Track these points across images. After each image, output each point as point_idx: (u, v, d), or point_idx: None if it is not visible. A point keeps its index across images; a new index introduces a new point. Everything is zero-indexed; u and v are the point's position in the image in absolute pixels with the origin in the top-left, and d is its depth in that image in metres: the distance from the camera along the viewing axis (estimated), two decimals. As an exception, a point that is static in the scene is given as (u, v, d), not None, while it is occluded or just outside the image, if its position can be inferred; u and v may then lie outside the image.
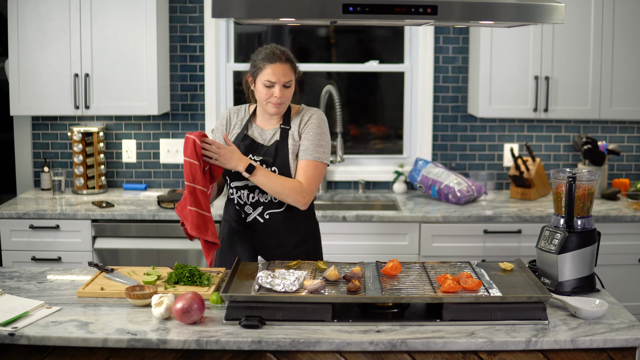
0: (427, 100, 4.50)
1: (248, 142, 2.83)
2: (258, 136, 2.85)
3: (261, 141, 2.83)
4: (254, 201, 2.82)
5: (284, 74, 2.74)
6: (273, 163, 2.78)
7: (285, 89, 2.77)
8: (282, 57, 2.75)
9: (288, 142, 2.80)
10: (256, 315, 2.23)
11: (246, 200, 2.83)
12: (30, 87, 4.13)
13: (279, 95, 2.75)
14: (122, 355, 2.17)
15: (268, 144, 2.82)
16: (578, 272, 2.54)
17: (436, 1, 2.32)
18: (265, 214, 2.82)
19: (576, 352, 2.18)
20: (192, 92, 4.50)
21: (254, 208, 2.82)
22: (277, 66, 2.74)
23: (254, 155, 2.81)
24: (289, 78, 2.76)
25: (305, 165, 2.77)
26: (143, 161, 4.55)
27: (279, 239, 2.84)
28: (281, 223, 2.83)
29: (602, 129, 4.55)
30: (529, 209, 4.06)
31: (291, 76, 2.77)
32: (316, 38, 4.74)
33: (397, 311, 2.32)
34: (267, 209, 2.82)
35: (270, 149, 2.80)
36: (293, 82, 2.79)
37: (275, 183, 2.71)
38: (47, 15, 4.06)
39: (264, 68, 2.75)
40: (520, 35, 4.14)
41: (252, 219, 2.83)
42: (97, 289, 2.51)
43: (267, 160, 2.79)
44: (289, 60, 2.77)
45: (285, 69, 2.74)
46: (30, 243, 3.93)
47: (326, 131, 2.85)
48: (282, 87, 2.75)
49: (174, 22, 4.43)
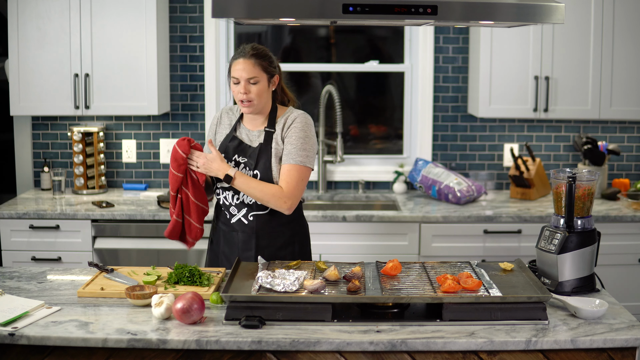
0: (427, 100, 4.50)
1: (235, 143, 2.83)
2: (245, 137, 2.84)
3: (248, 142, 2.83)
4: (238, 202, 2.81)
5: (245, 70, 2.69)
6: (255, 167, 2.77)
7: (252, 86, 2.71)
8: (247, 53, 2.70)
9: (271, 146, 2.78)
10: (256, 315, 2.23)
11: (231, 202, 2.82)
12: (30, 87, 4.13)
13: (242, 91, 2.70)
14: (122, 355, 2.17)
15: (254, 145, 2.81)
16: (578, 272, 2.54)
17: (436, 1, 2.32)
18: (249, 215, 2.81)
19: (576, 352, 2.18)
20: (192, 92, 4.50)
21: (239, 209, 2.81)
22: (239, 62, 2.71)
23: (240, 157, 2.80)
24: (253, 74, 2.70)
25: (288, 170, 2.73)
26: (143, 161, 4.55)
27: (263, 240, 2.82)
28: (265, 225, 2.81)
29: (602, 129, 4.55)
30: (529, 209, 4.06)
31: (256, 72, 2.70)
32: (316, 38, 4.74)
33: (397, 311, 2.32)
34: (251, 210, 2.80)
35: (254, 152, 2.79)
36: (261, 79, 2.72)
37: (255, 189, 2.71)
38: (47, 15, 4.06)
39: (232, 65, 2.75)
40: (520, 35, 4.14)
41: (236, 220, 2.83)
42: (97, 289, 2.51)
43: (250, 163, 2.78)
44: (255, 55, 2.71)
45: (247, 65, 2.69)
46: (30, 243, 3.93)
47: (311, 134, 2.79)
48: (246, 84, 2.70)
49: (174, 22, 4.43)
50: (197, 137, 4.52)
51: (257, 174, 2.76)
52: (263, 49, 2.76)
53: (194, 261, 3.91)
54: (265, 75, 2.74)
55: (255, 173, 2.76)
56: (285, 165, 2.74)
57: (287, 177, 2.73)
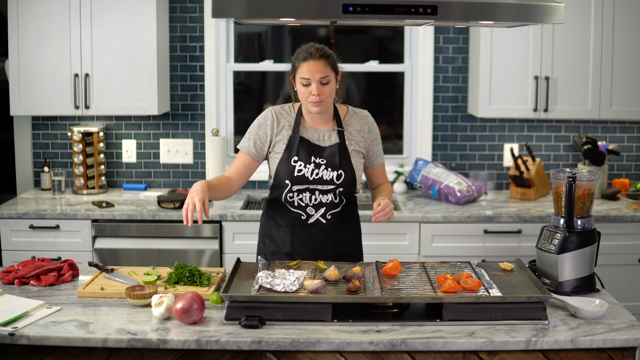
0: (427, 100, 4.50)
1: (306, 145, 2.79)
2: (313, 137, 2.82)
3: (318, 142, 2.81)
4: (316, 203, 2.81)
5: (318, 70, 2.70)
6: (339, 166, 2.79)
7: (323, 86, 2.72)
8: (316, 54, 2.72)
9: (347, 145, 2.82)
10: (256, 315, 2.23)
11: (308, 202, 2.81)
12: (30, 87, 4.13)
13: (316, 92, 2.71)
14: (122, 355, 2.17)
15: (325, 145, 2.81)
16: (578, 272, 2.54)
17: (436, 1, 2.32)
18: (327, 214, 2.82)
19: (576, 352, 2.18)
20: (192, 92, 4.50)
21: (316, 209, 2.81)
22: (310, 64, 2.71)
23: (317, 158, 2.78)
24: (325, 74, 2.71)
25: (384, 167, 3.01)
26: (143, 161, 4.55)
27: (339, 237, 2.86)
28: (339, 223, 2.85)
29: (602, 129, 4.55)
30: (529, 209, 4.06)
31: (327, 72, 2.72)
32: (316, 38, 4.74)
33: (397, 311, 2.32)
34: (330, 209, 2.82)
35: (331, 152, 2.80)
36: (331, 79, 2.74)
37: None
38: (47, 15, 4.06)
39: (299, 67, 2.73)
40: (520, 35, 4.14)
41: (314, 220, 2.82)
42: (97, 289, 2.51)
43: (332, 164, 2.78)
44: (323, 56, 2.73)
45: (318, 65, 2.70)
46: (30, 243, 3.93)
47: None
48: (318, 84, 2.71)
49: (174, 22, 4.43)
50: (196, 137, 4.52)
51: (341, 173, 2.79)
52: (326, 48, 2.78)
53: (194, 261, 3.91)
54: (333, 73, 2.76)
55: (340, 173, 2.79)
56: (382, 164, 2.99)
57: (385, 174, 3.01)
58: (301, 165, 2.77)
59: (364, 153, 2.89)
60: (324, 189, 2.79)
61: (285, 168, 2.78)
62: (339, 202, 2.84)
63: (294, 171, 2.76)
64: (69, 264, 2.73)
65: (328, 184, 2.78)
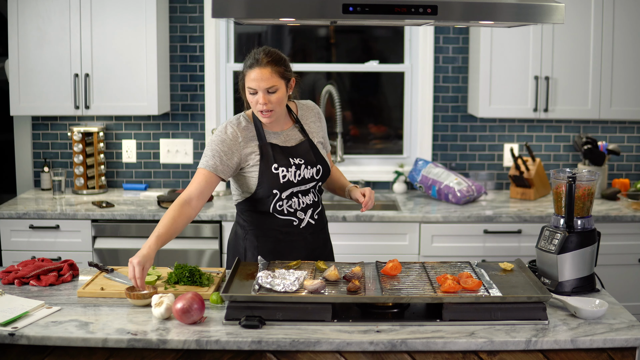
0: (427, 100, 4.50)
1: (278, 149, 2.69)
2: (280, 140, 2.74)
3: (286, 144, 2.74)
4: (304, 205, 2.76)
5: (263, 79, 2.56)
6: (316, 162, 2.76)
7: (270, 95, 2.59)
8: (263, 60, 2.56)
9: (312, 139, 2.80)
10: (256, 315, 2.22)
11: (296, 207, 2.74)
12: (30, 87, 4.13)
13: (262, 102, 2.58)
14: (122, 355, 2.17)
15: (293, 144, 2.75)
16: (578, 272, 2.54)
17: (436, 1, 2.32)
18: (315, 214, 2.81)
19: (576, 352, 2.18)
20: (192, 92, 4.50)
21: (305, 212, 2.77)
22: (256, 72, 2.56)
23: (295, 159, 2.71)
24: (271, 83, 2.57)
25: (329, 156, 2.94)
26: (143, 161, 4.55)
27: (324, 235, 2.87)
28: (322, 220, 2.86)
29: (602, 129, 4.55)
30: (529, 209, 4.06)
31: (274, 81, 2.57)
32: (316, 38, 4.74)
33: (397, 311, 2.32)
34: (315, 209, 2.81)
35: (304, 150, 2.75)
36: (280, 87, 2.59)
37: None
38: (47, 15, 4.06)
39: (247, 74, 2.60)
40: (520, 35, 4.14)
41: (305, 224, 2.77)
42: (97, 289, 2.51)
43: (310, 160, 2.74)
44: (271, 62, 2.57)
45: (264, 74, 2.55)
46: (30, 243, 3.93)
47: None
48: (265, 93, 2.58)
49: (174, 22, 4.43)
50: (196, 137, 4.52)
51: (319, 168, 2.77)
52: (277, 53, 2.63)
53: (194, 261, 3.91)
54: (283, 81, 2.61)
55: (318, 168, 2.76)
56: (330, 150, 2.94)
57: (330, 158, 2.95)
58: (283, 170, 2.67)
59: (323, 142, 2.87)
60: (304, 190, 2.74)
61: (269, 177, 2.66)
62: (318, 199, 2.83)
63: (278, 178, 2.66)
64: (69, 264, 2.73)
65: (309, 182, 2.74)
